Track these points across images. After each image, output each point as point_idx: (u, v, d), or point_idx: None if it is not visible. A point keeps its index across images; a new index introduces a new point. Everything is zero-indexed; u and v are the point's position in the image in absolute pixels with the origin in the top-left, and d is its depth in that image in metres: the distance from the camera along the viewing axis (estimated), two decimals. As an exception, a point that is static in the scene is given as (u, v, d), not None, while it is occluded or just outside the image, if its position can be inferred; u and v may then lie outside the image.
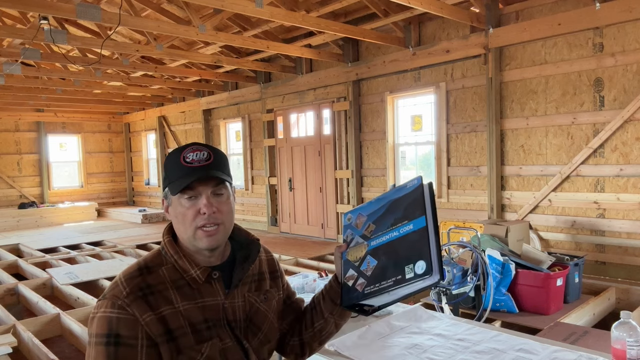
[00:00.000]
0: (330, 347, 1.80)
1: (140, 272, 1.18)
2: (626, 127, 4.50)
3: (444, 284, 3.17)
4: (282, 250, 6.63)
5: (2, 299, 4.79)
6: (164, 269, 1.20)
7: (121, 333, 1.09)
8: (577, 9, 4.62)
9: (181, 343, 1.14)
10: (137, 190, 12.91)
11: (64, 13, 4.41)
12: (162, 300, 1.15)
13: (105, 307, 1.12)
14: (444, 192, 5.94)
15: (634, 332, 1.42)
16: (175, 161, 1.19)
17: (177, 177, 1.18)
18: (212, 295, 1.22)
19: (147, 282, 1.16)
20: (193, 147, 1.20)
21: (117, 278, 1.18)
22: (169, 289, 1.17)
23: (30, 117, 11.33)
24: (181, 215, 1.18)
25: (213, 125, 9.86)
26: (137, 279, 1.16)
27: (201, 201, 1.17)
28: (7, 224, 10.05)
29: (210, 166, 1.19)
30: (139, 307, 1.12)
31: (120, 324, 1.10)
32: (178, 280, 1.19)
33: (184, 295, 1.18)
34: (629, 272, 4.55)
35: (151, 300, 1.14)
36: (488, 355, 1.71)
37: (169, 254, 1.22)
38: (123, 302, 1.11)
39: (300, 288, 2.56)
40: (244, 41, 6.05)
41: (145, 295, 1.14)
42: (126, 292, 1.13)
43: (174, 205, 1.20)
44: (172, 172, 1.20)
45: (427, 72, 6.03)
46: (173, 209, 1.21)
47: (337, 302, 1.33)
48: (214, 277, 1.23)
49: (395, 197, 1.30)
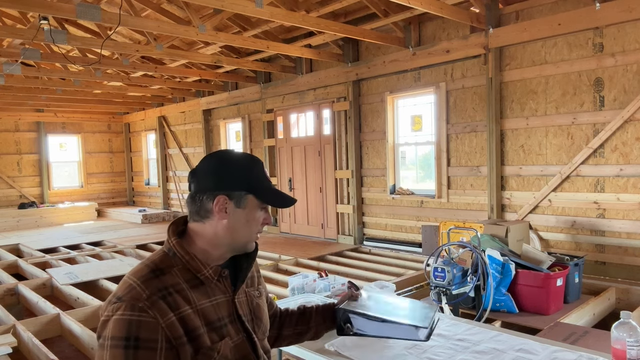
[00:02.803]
0: (330, 347, 1.80)
1: (155, 274, 1.18)
2: (626, 127, 4.50)
3: (444, 284, 3.17)
4: (282, 250, 6.62)
5: (2, 299, 4.79)
6: (176, 270, 1.21)
7: (141, 336, 1.09)
8: (577, 9, 4.62)
9: (199, 343, 1.16)
10: (137, 191, 12.91)
11: (64, 13, 4.41)
12: (181, 301, 1.16)
13: (124, 309, 1.11)
14: (444, 192, 5.94)
15: (634, 332, 1.42)
16: (263, 174, 1.30)
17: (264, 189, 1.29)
18: (222, 293, 1.27)
19: (165, 284, 1.17)
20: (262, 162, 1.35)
21: (130, 281, 1.16)
22: (185, 289, 1.19)
23: (30, 117, 11.33)
24: (253, 221, 1.28)
25: (213, 126, 9.86)
26: (155, 281, 1.16)
27: (268, 214, 1.32)
28: (7, 224, 10.05)
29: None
30: (160, 309, 1.12)
31: (142, 326, 1.10)
32: (192, 280, 1.22)
33: (199, 295, 1.21)
34: (629, 272, 4.55)
35: (171, 302, 1.15)
36: (488, 355, 1.71)
37: (179, 254, 1.23)
38: (144, 305, 1.11)
39: (300, 288, 2.56)
40: (244, 41, 6.05)
41: (165, 296, 1.15)
42: (146, 294, 1.13)
43: (250, 210, 1.27)
44: (260, 182, 1.29)
45: (427, 72, 6.03)
46: (246, 214, 1.27)
47: (326, 321, 1.58)
48: (223, 275, 1.27)
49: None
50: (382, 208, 6.71)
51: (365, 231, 6.99)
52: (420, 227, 6.03)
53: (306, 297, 2.44)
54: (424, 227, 5.89)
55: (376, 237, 6.83)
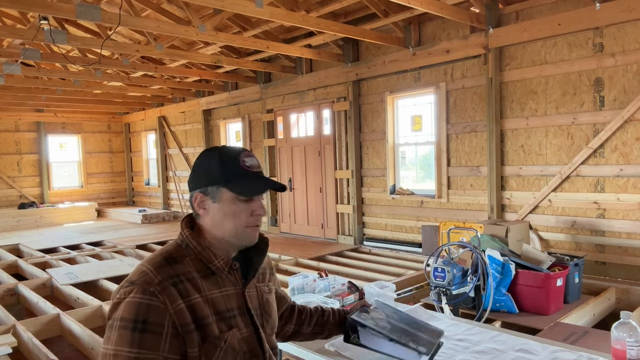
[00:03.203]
0: (331, 348, 1.80)
1: (168, 261, 1.22)
2: (626, 127, 4.50)
3: (444, 284, 3.17)
4: (282, 250, 6.62)
5: (2, 299, 4.79)
6: (189, 260, 1.25)
7: (149, 320, 1.12)
8: (577, 9, 4.62)
9: (207, 332, 1.18)
10: (137, 191, 12.91)
11: (64, 13, 4.41)
12: (191, 289, 1.19)
13: (136, 292, 1.14)
14: (444, 192, 5.94)
15: (634, 332, 1.42)
16: (234, 164, 1.27)
17: (240, 179, 1.25)
18: (233, 285, 1.29)
19: (177, 271, 1.20)
20: (246, 152, 1.29)
21: (144, 267, 1.20)
22: (196, 278, 1.22)
23: (30, 117, 11.33)
24: (233, 213, 1.26)
25: (213, 126, 9.86)
26: (167, 268, 1.20)
27: (256, 204, 1.29)
28: (7, 224, 10.05)
29: (263, 174, 1.31)
30: (170, 295, 1.15)
31: (151, 310, 1.12)
32: (203, 270, 1.25)
33: (210, 284, 1.24)
34: (629, 272, 4.54)
35: (181, 289, 1.18)
36: (488, 355, 1.71)
37: (192, 245, 1.27)
38: (155, 289, 1.14)
39: (300, 288, 2.55)
40: (244, 41, 6.05)
41: (176, 283, 1.18)
42: (158, 279, 1.16)
43: (225, 202, 1.26)
44: (230, 173, 1.26)
45: (427, 72, 6.03)
46: (221, 206, 1.26)
47: (340, 326, 1.66)
48: (234, 267, 1.30)
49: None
50: (382, 208, 6.71)
51: (365, 231, 6.99)
52: (420, 227, 6.03)
53: (306, 297, 2.44)
54: (424, 227, 5.89)
55: (376, 237, 6.83)
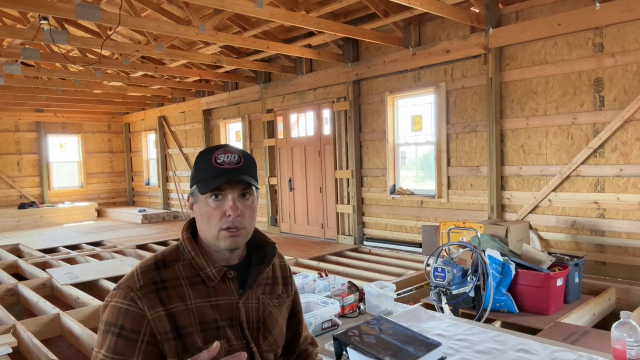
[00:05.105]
0: (331, 348, 1.80)
1: (157, 265, 1.20)
2: (626, 127, 4.50)
3: (444, 284, 3.17)
4: (282, 251, 6.54)
5: (2, 299, 4.79)
6: (180, 265, 1.22)
7: (125, 325, 1.11)
8: (577, 9, 4.62)
9: (188, 341, 1.14)
10: (137, 191, 12.91)
11: (64, 13, 4.41)
12: (174, 296, 1.16)
13: (118, 297, 1.14)
14: (444, 192, 5.94)
15: (634, 332, 1.42)
16: (206, 161, 1.21)
17: (206, 177, 1.20)
18: (226, 295, 1.23)
19: (162, 277, 1.18)
20: (225, 149, 1.22)
21: (134, 268, 1.20)
22: (182, 286, 1.19)
23: (30, 117, 11.33)
24: (207, 214, 1.20)
25: (213, 126, 9.86)
26: (152, 272, 1.18)
27: (227, 203, 1.19)
28: (7, 224, 10.04)
29: (239, 169, 1.21)
30: (149, 302, 1.13)
31: (128, 316, 1.12)
32: (193, 277, 1.21)
33: (197, 293, 1.19)
34: (629, 272, 4.55)
35: (163, 296, 1.15)
36: (488, 355, 1.71)
37: (187, 250, 1.24)
38: (135, 295, 1.13)
39: (300, 288, 2.56)
40: (244, 41, 6.05)
41: (159, 289, 1.15)
42: (139, 284, 1.15)
43: (201, 203, 1.22)
44: (201, 171, 1.22)
45: (427, 72, 6.03)
46: (199, 207, 1.23)
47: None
48: (229, 276, 1.24)
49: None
50: (382, 208, 6.71)
51: (365, 231, 6.99)
52: (420, 227, 6.03)
53: (306, 297, 2.44)
54: (424, 227, 5.89)
55: (376, 237, 6.83)
